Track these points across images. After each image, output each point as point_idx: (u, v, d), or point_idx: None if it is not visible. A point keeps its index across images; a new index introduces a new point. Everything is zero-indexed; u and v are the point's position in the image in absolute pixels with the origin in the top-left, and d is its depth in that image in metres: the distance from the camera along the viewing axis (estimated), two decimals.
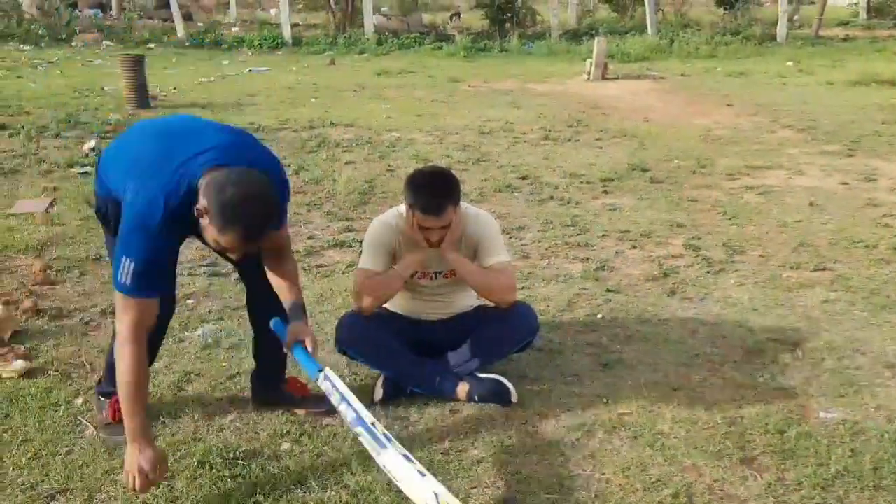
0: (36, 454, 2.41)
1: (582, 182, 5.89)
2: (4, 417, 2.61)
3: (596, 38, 12.39)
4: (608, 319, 3.51)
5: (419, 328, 2.95)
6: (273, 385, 2.70)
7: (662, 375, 2.99)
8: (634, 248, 4.46)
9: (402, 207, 2.84)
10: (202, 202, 2.03)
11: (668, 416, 2.69)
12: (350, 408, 2.21)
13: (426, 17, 19.49)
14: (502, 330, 2.82)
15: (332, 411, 2.56)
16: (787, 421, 2.65)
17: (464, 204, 2.89)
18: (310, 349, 2.32)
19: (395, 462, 2.10)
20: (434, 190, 2.69)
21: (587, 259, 4.26)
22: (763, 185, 5.77)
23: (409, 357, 2.80)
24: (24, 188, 5.47)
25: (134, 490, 2.08)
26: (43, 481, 2.29)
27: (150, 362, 2.35)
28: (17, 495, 2.22)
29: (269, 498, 2.22)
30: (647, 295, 3.79)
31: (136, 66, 8.60)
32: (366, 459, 2.39)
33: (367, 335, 2.76)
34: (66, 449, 2.44)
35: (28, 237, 4.40)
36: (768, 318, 3.52)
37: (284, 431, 2.54)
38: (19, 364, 2.90)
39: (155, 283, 2.12)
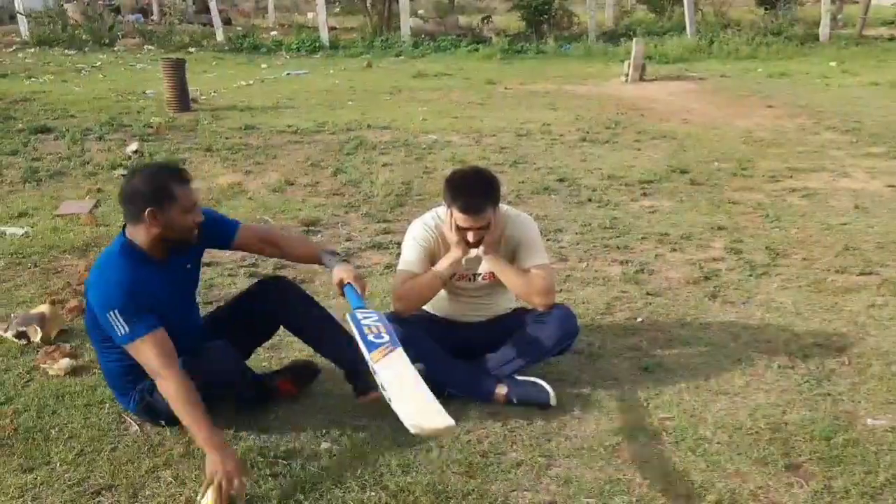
0: (82, 451, 2.46)
1: (620, 184, 5.84)
2: (52, 414, 2.66)
3: (634, 40, 12.28)
4: (648, 323, 3.47)
5: (458, 330, 2.95)
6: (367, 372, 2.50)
7: (704, 380, 2.95)
8: (674, 250, 4.41)
9: (441, 209, 2.84)
10: (145, 213, 2.34)
11: (710, 422, 2.65)
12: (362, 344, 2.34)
13: (462, 20, 19.48)
14: (541, 332, 2.80)
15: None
16: (834, 427, 2.59)
17: (504, 206, 2.89)
18: (358, 289, 2.57)
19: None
20: (474, 190, 2.69)
21: (626, 262, 4.22)
22: (806, 188, 5.66)
23: (447, 359, 2.79)
24: (69, 189, 5.58)
25: (229, 494, 2.15)
26: (89, 477, 2.33)
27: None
28: (65, 490, 2.26)
29: (308, 497, 2.24)
30: (688, 298, 3.74)
31: (178, 70, 8.72)
32: (405, 460, 2.40)
33: (404, 336, 2.75)
34: (111, 446, 2.48)
35: (74, 238, 4.49)
36: (813, 322, 3.46)
37: (324, 432, 2.55)
38: (65, 362, 2.95)
39: (148, 316, 2.31)
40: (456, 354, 2.85)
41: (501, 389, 2.75)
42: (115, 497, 2.24)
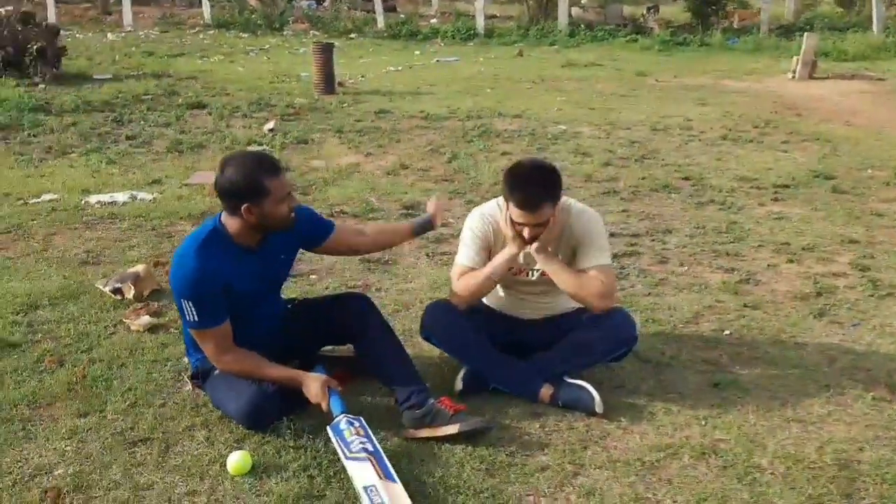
0: (135, 402, 2.60)
1: (751, 187, 5.44)
2: (120, 366, 2.84)
3: (805, 34, 11.41)
4: (735, 337, 3.21)
5: (514, 326, 2.85)
6: (420, 403, 2.47)
7: (779, 403, 2.68)
8: (791, 262, 4.05)
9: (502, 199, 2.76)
10: (241, 208, 2.39)
11: (770, 449, 2.41)
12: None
13: (627, 10, 18.87)
14: (594, 336, 2.65)
15: (487, 427, 2.47)
16: None
17: (569, 200, 2.76)
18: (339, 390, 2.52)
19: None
20: (532, 185, 2.57)
21: (732, 270, 3.92)
22: None
23: (495, 353, 2.70)
24: (206, 161, 5.94)
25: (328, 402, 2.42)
26: (133, 428, 2.46)
27: None
28: (107, 438, 2.41)
29: (323, 473, 2.25)
30: (790, 314, 3.41)
31: (326, 54, 9.06)
32: (428, 451, 2.37)
33: (452, 325, 2.70)
34: (161, 401, 2.62)
35: (193, 206, 4.77)
36: None
37: (355, 411, 2.54)
38: (145, 319, 3.15)
39: (217, 309, 2.44)
40: (509, 351, 2.75)
41: (548, 390, 2.63)
42: (149, 449, 2.36)
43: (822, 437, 2.48)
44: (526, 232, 2.60)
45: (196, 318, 2.41)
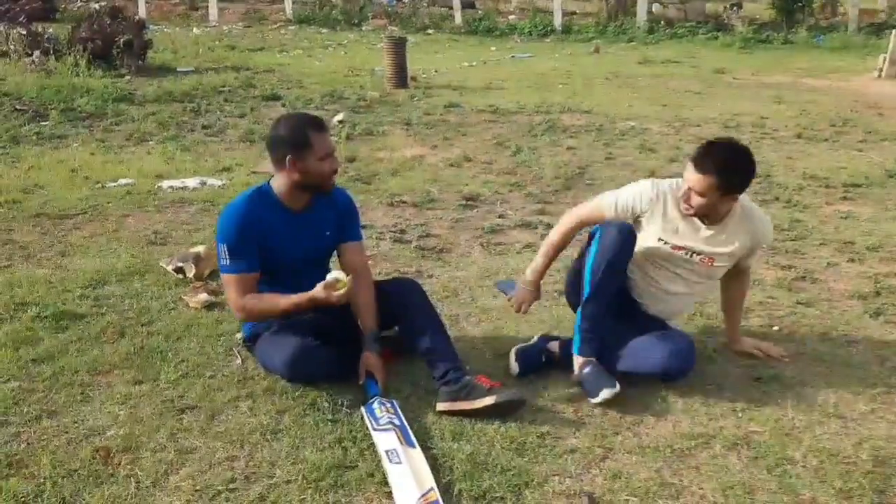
0: (186, 373, 2.74)
1: (820, 185, 5.29)
2: (176, 340, 3.00)
3: (893, 31, 10.93)
4: (784, 333, 3.15)
5: (624, 304, 2.83)
6: (456, 379, 2.53)
7: (822, 400, 2.63)
8: (853, 261, 3.93)
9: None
10: (286, 160, 2.57)
11: (805, 443, 2.37)
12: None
13: (710, 7, 18.44)
14: (653, 352, 2.65)
15: (522, 399, 2.54)
16: None
17: (753, 204, 2.82)
18: (379, 382, 2.60)
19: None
20: (717, 153, 2.60)
21: (789, 267, 3.84)
22: None
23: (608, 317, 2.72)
24: None
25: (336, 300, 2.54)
26: (182, 397, 2.60)
27: None
28: (157, 405, 2.55)
29: (356, 445, 2.33)
30: (845, 313, 3.33)
31: (399, 48, 9.20)
32: (460, 427, 2.43)
33: (622, 245, 2.66)
34: (211, 373, 2.75)
35: None
36: None
37: (394, 389, 2.63)
38: (203, 297, 3.31)
39: (248, 258, 2.62)
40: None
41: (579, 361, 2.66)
42: (195, 417, 2.49)
43: (862, 433, 2.43)
44: (690, 197, 2.63)
45: (227, 262, 2.62)
